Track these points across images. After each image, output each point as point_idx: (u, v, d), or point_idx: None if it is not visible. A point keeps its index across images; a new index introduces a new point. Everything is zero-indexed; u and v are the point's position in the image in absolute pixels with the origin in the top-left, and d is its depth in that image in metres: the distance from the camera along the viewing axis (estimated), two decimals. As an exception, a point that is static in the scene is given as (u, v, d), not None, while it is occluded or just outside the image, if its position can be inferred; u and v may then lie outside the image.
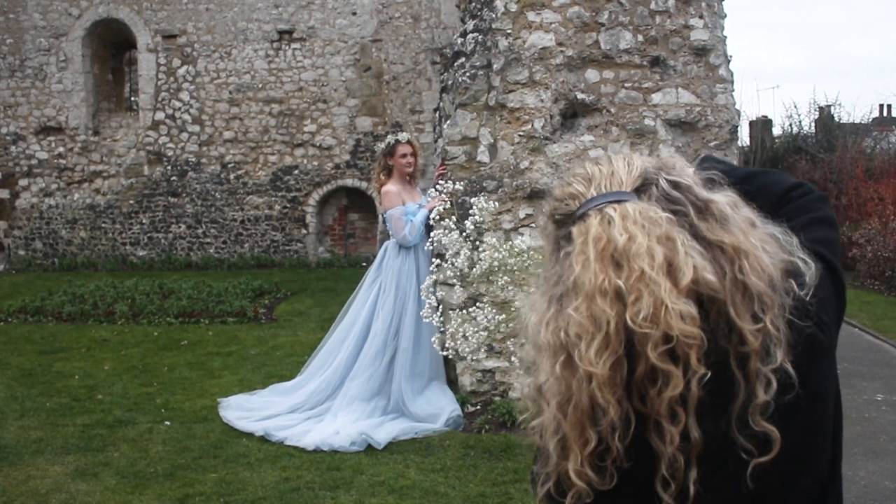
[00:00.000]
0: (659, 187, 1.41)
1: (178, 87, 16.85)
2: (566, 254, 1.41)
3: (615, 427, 1.32)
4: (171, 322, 10.92)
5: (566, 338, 1.36)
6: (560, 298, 1.40)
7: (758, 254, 1.35)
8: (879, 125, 29.91)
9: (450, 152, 7.10)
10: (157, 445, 6.29)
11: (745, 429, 1.32)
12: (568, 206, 1.46)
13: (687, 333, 1.28)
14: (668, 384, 1.29)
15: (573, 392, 1.35)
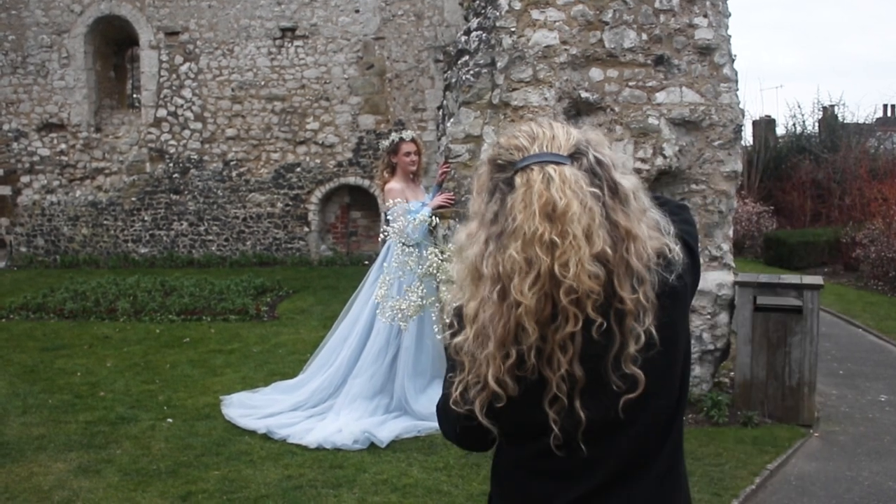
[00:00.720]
0: (588, 159, 1.71)
1: (181, 85, 16.84)
2: (507, 199, 1.69)
3: (531, 347, 1.64)
4: (173, 319, 10.91)
5: (504, 271, 1.65)
6: (499, 237, 1.67)
7: (643, 239, 1.69)
8: (883, 125, 29.90)
9: (453, 150, 7.10)
10: (160, 443, 6.28)
11: (618, 370, 1.66)
12: (512, 155, 1.73)
13: (591, 289, 1.62)
14: (568, 322, 1.63)
15: (503, 315, 1.65)
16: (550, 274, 1.63)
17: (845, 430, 6.89)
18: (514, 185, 1.69)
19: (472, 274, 1.73)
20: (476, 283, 1.72)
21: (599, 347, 1.67)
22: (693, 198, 7.33)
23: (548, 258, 1.63)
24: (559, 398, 1.67)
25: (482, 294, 1.69)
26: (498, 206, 1.71)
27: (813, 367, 6.99)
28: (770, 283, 7.30)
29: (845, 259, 16.85)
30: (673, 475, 1.84)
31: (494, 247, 1.68)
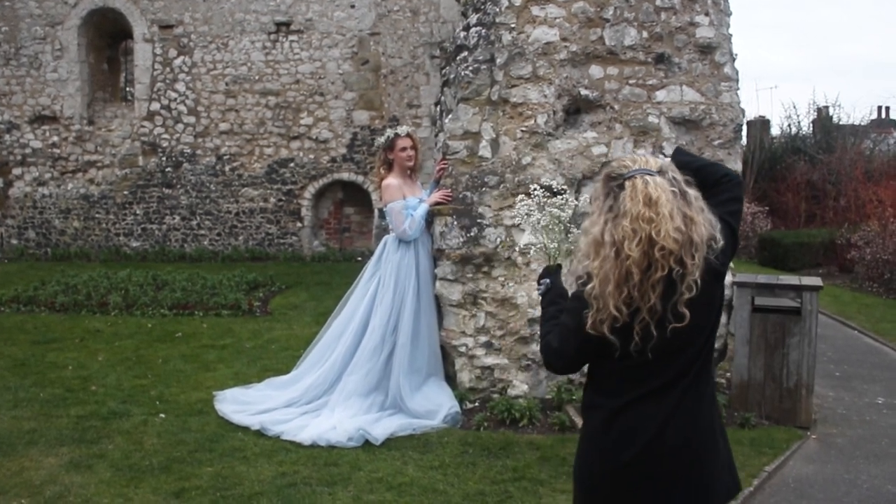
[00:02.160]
0: (668, 175, 2.67)
1: (174, 78, 16.74)
2: (619, 195, 2.64)
3: (636, 286, 2.58)
4: (165, 314, 10.83)
5: (618, 238, 2.60)
6: (614, 219, 2.63)
7: (700, 224, 2.62)
8: (878, 127, 29.94)
9: (451, 147, 7.04)
10: (152, 438, 6.22)
11: (675, 308, 2.60)
12: (621, 170, 2.70)
13: (673, 248, 2.56)
14: (658, 270, 2.57)
15: (617, 266, 2.59)
16: (649, 238, 2.56)
17: (843, 433, 6.85)
18: (623, 187, 2.65)
19: (595, 243, 2.65)
20: (598, 249, 2.64)
21: (670, 291, 2.60)
22: (692, 197, 7.27)
23: (648, 228, 2.56)
24: (646, 321, 2.60)
25: (603, 255, 2.62)
26: (612, 201, 2.67)
27: (811, 369, 6.95)
28: (769, 283, 7.26)
29: (840, 260, 16.85)
30: (694, 392, 2.74)
31: (611, 224, 2.62)
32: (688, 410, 2.73)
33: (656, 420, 2.71)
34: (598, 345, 2.70)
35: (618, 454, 2.73)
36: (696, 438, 2.74)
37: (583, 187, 7.07)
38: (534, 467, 5.75)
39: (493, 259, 6.93)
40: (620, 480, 2.75)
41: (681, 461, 2.73)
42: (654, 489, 2.73)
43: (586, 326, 2.66)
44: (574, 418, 6.57)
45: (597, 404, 2.82)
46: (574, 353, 2.82)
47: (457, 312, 7.01)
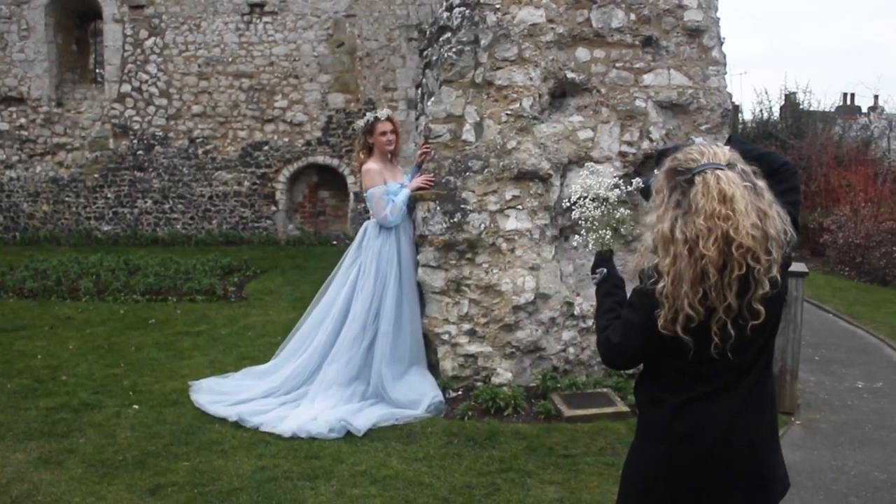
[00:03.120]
0: (738, 168, 2.57)
1: (146, 60, 16.41)
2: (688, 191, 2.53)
3: (712, 286, 2.49)
4: (138, 300, 10.59)
5: (691, 236, 2.49)
6: (683, 216, 2.52)
7: (774, 218, 2.54)
8: (844, 113, 30.09)
9: (434, 130, 6.87)
10: (126, 431, 6.02)
11: (751, 306, 2.52)
12: (689, 164, 2.58)
13: (751, 245, 2.48)
14: (735, 269, 2.48)
15: (692, 265, 2.49)
16: (725, 236, 2.47)
17: (826, 418, 6.80)
18: (693, 183, 2.54)
19: (664, 240, 2.55)
20: (667, 246, 2.54)
21: (746, 288, 2.52)
22: (678, 182, 7.17)
23: (724, 225, 2.47)
24: (723, 321, 2.52)
25: (674, 252, 2.52)
26: (680, 196, 2.56)
27: (796, 355, 6.90)
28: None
29: (812, 244, 16.94)
30: (759, 388, 2.71)
31: (682, 221, 2.52)
32: (753, 408, 2.69)
33: (724, 417, 2.65)
34: (668, 343, 2.62)
35: (684, 451, 2.68)
36: (759, 436, 2.71)
37: (568, 172, 6.94)
38: (521, 458, 5.63)
39: (477, 245, 6.78)
40: (684, 477, 2.71)
41: (745, 459, 2.69)
42: (718, 486, 2.69)
43: (658, 325, 2.57)
44: (559, 406, 6.45)
45: (661, 400, 2.74)
46: (638, 350, 2.74)
47: (439, 300, 6.86)
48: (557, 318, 6.94)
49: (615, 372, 7.06)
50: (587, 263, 7.31)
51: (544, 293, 6.86)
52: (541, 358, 6.97)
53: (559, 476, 5.38)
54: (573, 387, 6.82)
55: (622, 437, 6.04)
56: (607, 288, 3.01)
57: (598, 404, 6.58)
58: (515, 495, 5.08)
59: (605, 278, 3.05)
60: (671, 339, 2.58)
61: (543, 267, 6.86)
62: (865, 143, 23.21)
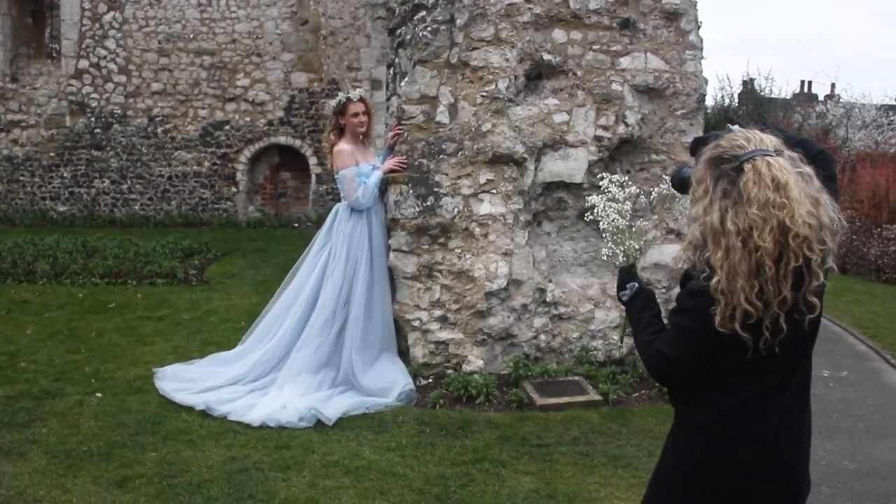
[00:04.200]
0: (786, 154, 2.44)
1: (104, 35, 16.05)
2: (737, 180, 2.40)
3: (769, 279, 2.36)
4: (97, 283, 10.33)
5: (744, 227, 2.36)
6: (734, 206, 2.38)
7: (826, 205, 2.43)
8: (802, 101, 30.37)
9: (407, 111, 6.72)
10: (89, 420, 5.82)
11: (805, 298, 2.41)
12: (736, 151, 2.44)
13: (807, 235, 2.36)
14: (792, 260, 2.36)
15: (746, 258, 2.36)
16: (781, 225, 2.35)
17: (797, 407, 6.77)
18: (742, 170, 2.41)
19: (714, 232, 2.40)
20: (718, 239, 2.39)
21: (800, 281, 2.39)
22: (653, 168, 7.11)
23: (780, 214, 2.34)
24: (776, 315, 2.39)
25: (726, 245, 2.37)
26: (727, 185, 2.42)
27: (767, 345, 6.86)
28: (727, 257, 7.12)
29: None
30: (804, 387, 2.62)
31: (732, 212, 2.38)
32: (799, 408, 2.62)
33: (775, 418, 2.55)
34: (724, 342, 2.47)
35: (736, 453, 2.56)
36: (802, 437, 2.65)
37: (543, 156, 6.83)
38: (494, 447, 5.53)
39: (450, 230, 6.65)
40: (731, 479, 2.59)
41: (789, 459, 2.61)
42: (765, 487, 2.59)
43: (715, 324, 2.41)
44: (531, 395, 6.37)
45: (710, 401, 2.59)
46: (699, 357, 2.55)
47: (411, 285, 6.73)
48: (529, 305, 6.85)
49: (586, 359, 6.99)
50: (559, 249, 7.22)
51: (517, 279, 6.76)
52: (512, 345, 6.88)
53: (534, 466, 5.29)
54: (545, 375, 6.74)
55: (595, 426, 5.98)
56: (641, 303, 2.84)
57: (570, 393, 6.51)
58: (491, 486, 4.98)
59: (637, 293, 2.87)
60: (728, 337, 2.43)
61: (517, 252, 6.75)
62: (825, 131, 23.44)
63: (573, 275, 7.24)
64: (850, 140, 23.50)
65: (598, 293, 7.15)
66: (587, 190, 7.00)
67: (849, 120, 25.30)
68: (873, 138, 23.92)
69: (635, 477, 5.16)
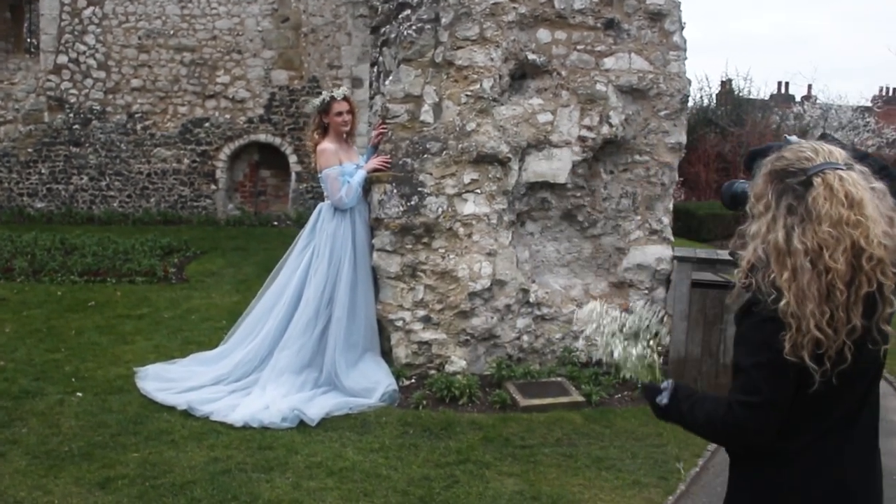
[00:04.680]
0: (857, 168, 2.24)
1: (84, 30, 15.91)
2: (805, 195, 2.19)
3: (841, 305, 2.15)
4: (76, 280, 10.24)
5: (813, 246, 2.16)
6: (801, 223, 2.19)
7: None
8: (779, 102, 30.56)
9: (391, 110, 6.69)
10: (70, 420, 5.75)
11: (878, 326, 2.20)
12: (803, 164, 2.24)
13: (882, 257, 2.16)
14: (865, 284, 2.16)
15: (816, 280, 2.15)
16: (854, 246, 2.15)
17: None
18: (811, 185, 2.20)
19: (778, 251, 2.20)
20: (783, 259, 2.19)
21: (872, 307, 2.20)
22: (636, 169, 7.12)
23: (854, 233, 2.15)
24: (843, 344, 2.17)
25: (792, 265, 2.17)
26: (792, 200, 2.22)
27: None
28: (709, 258, 7.14)
29: (755, 233, 17.17)
30: (871, 423, 2.38)
31: (800, 230, 2.18)
32: (866, 448, 2.38)
33: (841, 460, 2.31)
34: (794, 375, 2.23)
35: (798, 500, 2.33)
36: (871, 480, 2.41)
37: (527, 156, 6.83)
38: (478, 449, 5.52)
39: (434, 230, 6.63)
40: None
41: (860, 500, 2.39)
42: None
43: (784, 352, 2.18)
44: (515, 396, 6.36)
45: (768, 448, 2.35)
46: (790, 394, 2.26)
47: (394, 285, 6.71)
48: (513, 306, 6.84)
49: (569, 360, 6.99)
50: (542, 250, 7.22)
51: (500, 280, 6.75)
52: (495, 346, 6.87)
53: (518, 468, 5.28)
54: (528, 375, 6.74)
55: (578, 427, 5.98)
56: (683, 393, 2.50)
57: (553, 394, 6.51)
58: (475, 488, 4.97)
59: (675, 389, 2.52)
60: (798, 369, 2.20)
61: (500, 253, 6.74)
62: (802, 131, 23.60)
63: (556, 275, 7.24)
64: (828, 141, 23.61)
65: (581, 294, 7.16)
66: (571, 190, 7.00)
67: (825, 121, 25.48)
68: (850, 139, 24.10)
69: (619, 479, 5.16)
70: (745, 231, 2.34)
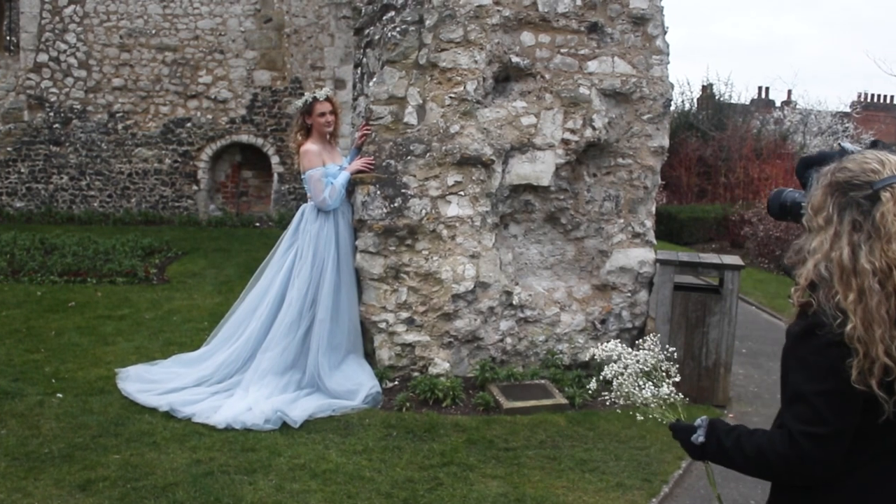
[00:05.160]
0: None
1: (64, 28, 15.81)
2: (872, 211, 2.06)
3: None
4: (56, 281, 10.17)
5: (882, 266, 2.03)
6: (867, 241, 2.05)
7: None
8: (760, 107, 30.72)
9: (375, 112, 6.68)
10: (50, 421, 5.71)
11: None
12: (869, 177, 2.09)
13: None
14: None
15: (885, 301, 2.02)
16: None
17: (758, 411, 6.85)
18: (879, 200, 2.06)
19: (843, 271, 2.06)
20: (849, 279, 2.05)
21: None
22: (619, 172, 7.14)
23: None
24: None
25: (859, 286, 2.04)
26: (857, 216, 2.08)
27: (729, 348, 6.93)
28: (691, 262, 7.18)
29: (732, 236, 17.26)
30: None
31: (866, 248, 2.05)
32: None
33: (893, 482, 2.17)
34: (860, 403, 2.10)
35: None
36: None
37: (510, 158, 6.83)
38: (461, 451, 5.52)
39: (418, 231, 6.63)
40: None
41: None
42: None
43: (851, 379, 2.04)
44: (498, 398, 6.36)
45: None
46: (855, 422, 2.13)
47: (377, 287, 6.70)
48: (496, 308, 6.85)
49: (552, 363, 7.00)
50: (526, 252, 7.23)
51: (484, 282, 6.75)
52: (478, 348, 6.87)
53: (501, 470, 5.28)
54: (511, 378, 6.74)
55: (562, 429, 5.99)
56: (722, 428, 2.34)
57: (536, 396, 6.52)
58: (459, 490, 4.97)
59: (711, 426, 2.36)
60: (866, 397, 2.07)
61: (483, 255, 6.75)
62: (783, 136, 23.73)
63: (539, 278, 7.25)
64: (807, 146, 23.80)
65: (564, 296, 7.17)
66: (554, 193, 7.01)
67: (805, 126, 25.62)
68: (829, 144, 24.25)
69: (602, 481, 5.17)
70: (804, 246, 2.21)
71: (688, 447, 2.40)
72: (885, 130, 33.03)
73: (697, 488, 5.34)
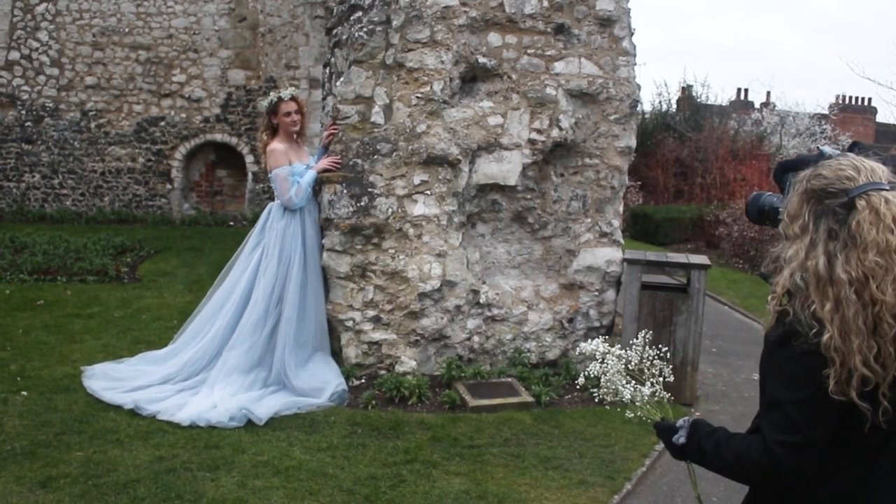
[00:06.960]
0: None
1: (36, 26, 15.70)
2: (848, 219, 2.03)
3: (889, 339, 1.99)
4: (25, 279, 10.12)
5: (858, 276, 1.99)
6: (843, 249, 2.02)
7: None
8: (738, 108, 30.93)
9: (342, 111, 6.70)
10: (14, 419, 5.70)
11: None
12: (844, 184, 2.06)
13: None
14: None
15: (861, 312, 2.00)
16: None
17: (724, 410, 6.92)
18: (854, 208, 2.03)
19: (819, 280, 2.05)
20: (825, 289, 2.03)
21: None
22: (586, 172, 7.19)
23: None
24: (892, 380, 2.03)
25: (835, 296, 2.02)
26: (833, 224, 2.06)
27: (697, 347, 6.99)
28: (658, 261, 7.24)
29: (707, 236, 17.36)
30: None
31: (843, 257, 2.03)
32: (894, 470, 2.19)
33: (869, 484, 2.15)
34: (838, 413, 2.09)
35: None
36: None
37: (477, 158, 6.87)
38: (425, 448, 5.55)
39: (384, 230, 6.66)
40: None
41: None
42: None
43: (829, 389, 2.03)
44: (464, 396, 6.40)
45: None
46: (830, 431, 2.12)
47: (344, 285, 6.72)
48: (463, 306, 6.88)
49: (519, 361, 7.04)
50: (493, 251, 7.26)
51: (450, 280, 6.79)
52: (445, 346, 6.91)
53: (465, 467, 5.32)
54: (477, 376, 6.78)
55: (527, 427, 6.03)
56: (704, 430, 2.34)
57: (502, 394, 6.55)
58: (421, 487, 5.00)
59: (693, 425, 2.38)
60: (844, 407, 2.06)
61: (450, 254, 6.78)
62: (759, 138, 23.90)
63: (507, 277, 7.29)
64: (785, 147, 23.99)
65: (532, 295, 7.21)
66: (521, 192, 7.05)
67: (783, 127, 25.81)
68: (807, 146, 24.45)
69: (566, 478, 5.22)
70: (780, 254, 2.19)
71: (670, 447, 2.43)
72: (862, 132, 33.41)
73: (660, 486, 5.39)
